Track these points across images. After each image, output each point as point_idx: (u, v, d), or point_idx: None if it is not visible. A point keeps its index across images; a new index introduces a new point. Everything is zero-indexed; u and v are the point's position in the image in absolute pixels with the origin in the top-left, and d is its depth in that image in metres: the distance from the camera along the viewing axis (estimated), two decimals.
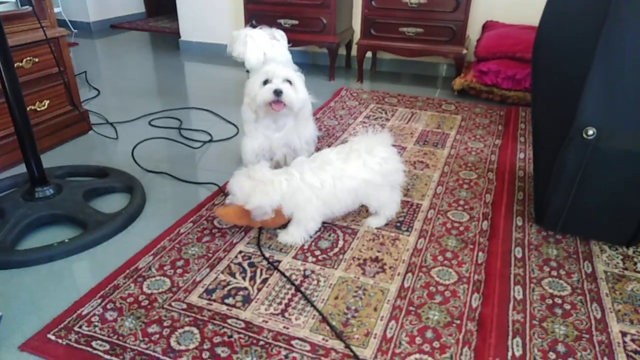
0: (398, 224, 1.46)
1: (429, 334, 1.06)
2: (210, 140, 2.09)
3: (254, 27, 2.07)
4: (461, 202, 1.58)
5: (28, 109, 1.84)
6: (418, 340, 1.04)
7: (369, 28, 2.75)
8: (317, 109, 2.43)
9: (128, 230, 1.44)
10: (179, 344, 1.03)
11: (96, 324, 1.08)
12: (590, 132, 1.18)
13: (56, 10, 3.96)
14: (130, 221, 1.47)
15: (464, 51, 2.63)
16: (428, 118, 2.32)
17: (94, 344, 1.02)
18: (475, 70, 2.56)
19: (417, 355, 1.00)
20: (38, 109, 1.91)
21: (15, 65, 1.75)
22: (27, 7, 1.83)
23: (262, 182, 1.30)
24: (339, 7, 2.81)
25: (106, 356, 0.99)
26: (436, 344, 1.03)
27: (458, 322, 1.09)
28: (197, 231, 1.42)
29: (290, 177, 1.33)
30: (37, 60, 1.86)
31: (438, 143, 2.04)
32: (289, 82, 1.48)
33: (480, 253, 1.33)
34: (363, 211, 1.51)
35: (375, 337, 1.05)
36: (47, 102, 1.94)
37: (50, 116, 1.97)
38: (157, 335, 1.05)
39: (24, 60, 1.81)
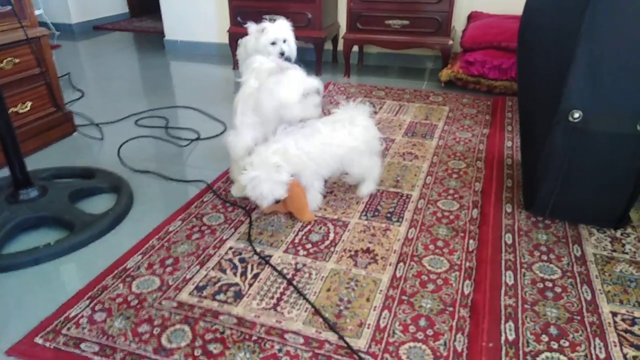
0: (388, 215, 1.45)
1: (422, 322, 1.05)
2: (198, 138, 2.07)
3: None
4: (451, 192, 1.58)
5: (10, 111, 1.81)
6: (411, 328, 1.04)
7: (354, 22, 2.74)
8: None
9: (116, 231, 1.42)
10: (170, 342, 1.01)
11: (84, 325, 1.06)
12: (577, 115, 1.18)
13: (37, 12, 3.90)
14: (118, 221, 1.45)
15: (450, 42, 2.63)
16: (416, 110, 2.31)
17: (82, 346, 1.01)
18: (462, 61, 2.56)
19: (411, 344, 1.00)
20: (20, 111, 1.87)
21: None
22: (7, 6, 1.80)
23: (266, 171, 1.31)
24: (324, 2, 2.80)
25: (96, 358, 0.98)
26: (429, 332, 1.03)
27: (451, 309, 1.09)
28: (187, 229, 1.41)
29: (285, 149, 1.36)
30: (17, 61, 1.83)
31: (426, 134, 2.04)
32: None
33: (471, 241, 1.33)
34: (353, 195, 1.50)
35: (368, 327, 1.04)
36: (29, 103, 1.91)
37: (33, 118, 1.93)
38: (148, 335, 1.03)
39: (4, 61, 1.78)
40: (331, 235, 1.36)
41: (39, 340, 1.02)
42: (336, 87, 2.67)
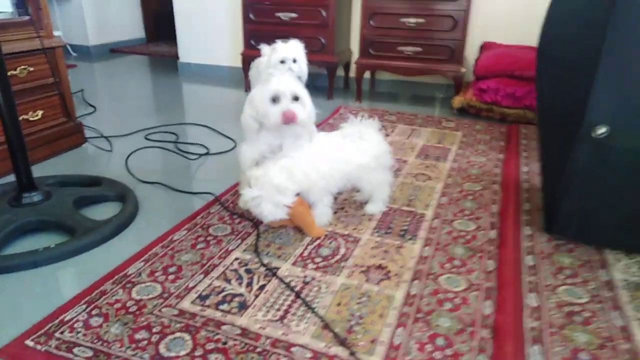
0: (402, 233, 1.40)
1: (440, 341, 0.98)
2: (207, 153, 2.04)
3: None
4: (466, 212, 1.52)
5: (21, 118, 1.79)
6: (428, 347, 0.96)
7: (367, 47, 2.76)
8: (317, 124, 2.39)
9: (119, 238, 1.37)
10: (168, 350, 0.94)
11: (79, 330, 0.99)
12: (601, 130, 1.14)
13: (56, 33, 4.00)
14: (122, 229, 1.40)
15: (463, 70, 2.63)
16: (428, 134, 2.28)
17: (75, 350, 0.94)
18: (475, 88, 2.55)
19: None
20: (31, 119, 1.86)
21: (9, 73, 1.72)
22: (25, 16, 1.81)
23: (268, 192, 1.25)
24: (338, 28, 2.83)
25: None
26: (448, 352, 0.95)
27: (471, 329, 1.02)
28: (192, 238, 1.35)
29: (293, 165, 1.31)
30: (32, 69, 1.83)
31: (440, 157, 2.00)
32: (297, 98, 1.39)
33: (489, 261, 1.26)
34: (357, 208, 1.45)
35: (382, 345, 0.97)
36: (40, 112, 1.90)
37: (44, 127, 1.92)
38: (145, 342, 0.96)
39: (18, 68, 1.78)
40: (342, 250, 1.30)
41: (29, 342, 0.95)
42: (347, 111, 2.65)
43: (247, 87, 3.09)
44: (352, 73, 3.15)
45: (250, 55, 2.91)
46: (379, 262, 1.25)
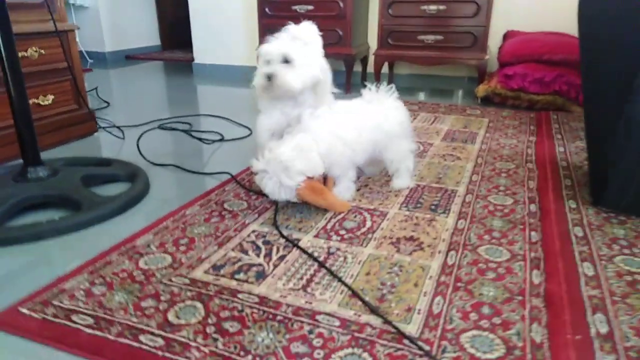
0: (433, 207, 1.28)
1: (486, 310, 0.86)
2: (222, 139, 1.96)
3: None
4: (501, 188, 1.40)
5: (31, 102, 1.74)
6: (473, 316, 0.84)
7: (386, 37, 2.67)
8: None
9: (127, 214, 1.28)
10: (178, 318, 0.84)
11: (80, 298, 0.90)
12: None
13: None
14: (131, 205, 1.31)
15: (486, 57, 2.52)
16: (452, 120, 2.17)
17: (74, 317, 0.84)
18: (500, 75, 2.44)
19: (475, 332, 0.80)
20: (42, 103, 1.80)
21: (20, 54, 1.67)
22: None
23: (273, 169, 1.16)
24: (355, 19, 2.76)
25: (88, 330, 0.81)
26: (497, 320, 0.83)
27: (520, 298, 0.89)
28: (205, 213, 1.25)
29: (309, 146, 1.20)
30: (43, 52, 1.78)
31: (467, 140, 1.88)
32: (287, 61, 1.29)
33: (532, 232, 1.14)
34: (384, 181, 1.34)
35: (419, 313, 0.85)
36: (51, 97, 1.84)
37: (55, 112, 1.86)
38: (152, 309, 0.86)
39: (29, 50, 1.72)
40: (368, 223, 1.19)
41: (24, 310, 0.86)
42: None
43: None
44: (370, 68, 3.07)
45: None
46: (409, 234, 1.13)
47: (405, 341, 0.78)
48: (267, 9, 2.87)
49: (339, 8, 2.70)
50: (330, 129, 1.26)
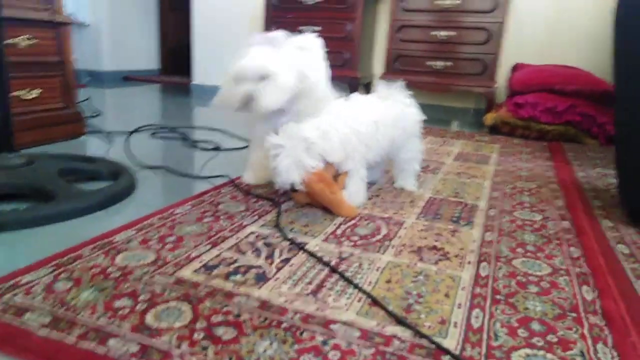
0: (454, 219, 1.14)
1: (536, 326, 0.70)
2: (217, 148, 1.82)
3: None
4: (526, 205, 1.27)
5: (13, 94, 1.60)
6: (522, 332, 0.69)
7: (394, 62, 2.61)
8: None
9: (109, 210, 1.12)
10: (158, 320, 0.67)
11: (38, 294, 0.73)
12: None
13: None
14: (113, 201, 1.15)
15: (496, 85, 2.45)
16: (462, 144, 2.07)
17: (26, 315, 0.67)
18: (509, 104, 2.36)
19: (529, 350, 0.65)
20: (24, 97, 1.66)
21: (9, 41, 1.55)
22: None
23: (293, 143, 1.05)
24: (362, 44, 2.70)
25: (41, 331, 0.64)
26: (552, 338, 0.67)
27: (573, 314, 0.74)
28: (198, 212, 1.10)
29: (332, 126, 1.11)
30: (33, 41, 1.66)
31: (480, 161, 1.76)
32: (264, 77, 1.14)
33: (571, 248, 1.00)
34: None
35: (455, 326, 0.69)
36: (37, 92, 1.70)
37: (39, 108, 1.71)
38: (127, 310, 0.69)
39: (19, 37, 1.60)
40: (383, 231, 1.04)
41: None
42: None
43: None
44: None
45: None
46: (432, 244, 0.99)
47: (445, 358, 0.62)
48: (273, 29, 2.81)
49: (346, 30, 2.65)
50: (345, 120, 1.14)
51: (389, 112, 1.23)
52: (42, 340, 0.62)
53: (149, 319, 0.68)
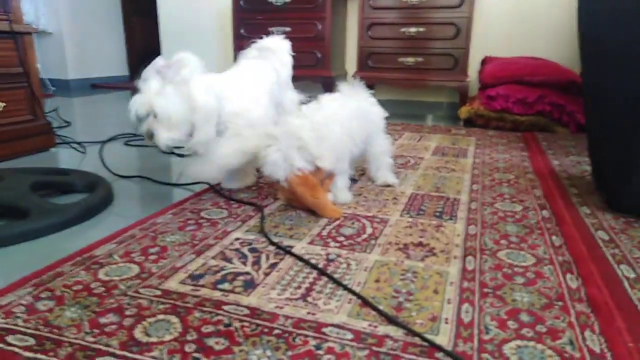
0: (437, 214, 1.15)
1: (525, 317, 0.71)
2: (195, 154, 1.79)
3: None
4: (506, 197, 1.29)
5: None
6: (512, 324, 0.70)
7: (365, 59, 2.62)
8: None
9: (87, 224, 1.09)
10: (147, 335, 0.65)
11: (19, 315, 0.70)
12: None
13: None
14: (90, 214, 1.12)
15: (468, 79, 2.49)
16: (439, 138, 2.09)
17: (9, 338, 0.64)
18: (482, 97, 2.40)
19: (519, 342, 0.65)
20: None
21: None
22: None
23: (286, 142, 1.07)
24: (333, 43, 2.70)
25: (27, 353, 0.61)
26: (541, 328, 0.69)
27: (560, 303, 0.75)
28: (179, 221, 1.08)
29: (324, 127, 1.13)
30: None
31: (458, 154, 1.79)
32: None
33: (553, 237, 1.02)
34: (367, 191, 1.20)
35: (446, 322, 0.70)
36: (1, 105, 1.64)
37: (5, 122, 1.66)
38: (115, 326, 0.67)
39: None
40: (368, 230, 1.04)
41: None
42: None
43: None
44: None
45: None
46: (417, 240, 0.99)
47: (439, 354, 0.62)
48: (242, 31, 2.79)
49: (317, 30, 2.64)
50: (341, 121, 1.17)
51: (361, 109, 1.26)
52: None
53: (138, 333, 0.66)
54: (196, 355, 0.61)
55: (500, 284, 0.81)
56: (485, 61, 2.71)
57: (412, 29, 2.50)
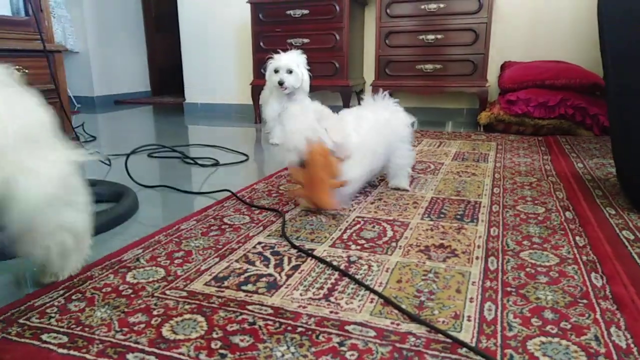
0: (458, 216, 1.15)
1: (549, 315, 0.71)
2: (217, 164, 1.83)
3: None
4: (528, 199, 1.28)
5: None
6: (535, 321, 0.69)
7: (383, 68, 2.64)
8: None
9: (114, 232, 1.12)
10: (174, 333, 0.67)
11: (52, 315, 0.73)
12: None
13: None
14: (117, 222, 1.16)
15: (487, 84, 2.48)
16: (459, 144, 2.08)
17: (44, 336, 0.67)
18: (502, 102, 2.39)
19: (542, 338, 0.65)
20: None
21: None
22: (25, 15, 1.69)
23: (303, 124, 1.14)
24: (351, 52, 2.73)
25: (60, 350, 0.64)
26: (565, 325, 0.68)
27: (585, 301, 0.75)
28: (203, 227, 1.11)
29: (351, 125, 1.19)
30: (27, 71, 1.67)
31: (479, 159, 1.78)
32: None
33: (577, 237, 1.01)
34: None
35: (469, 320, 0.70)
36: None
37: None
38: (143, 325, 0.70)
39: (14, 67, 1.61)
40: (389, 233, 1.05)
41: None
42: None
43: (258, 119, 2.94)
44: None
45: (259, 85, 2.79)
46: (438, 242, 0.99)
47: (462, 350, 0.62)
48: (262, 44, 2.84)
49: (334, 40, 2.67)
50: (359, 131, 1.21)
51: (380, 119, 1.27)
52: (61, 358, 0.62)
53: (166, 332, 0.68)
54: (222, 351, 0.63)
55: (523, 283, 0.81)
56: (505, 66, 2.70)
57: (430, 36, 2.51)
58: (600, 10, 1.28)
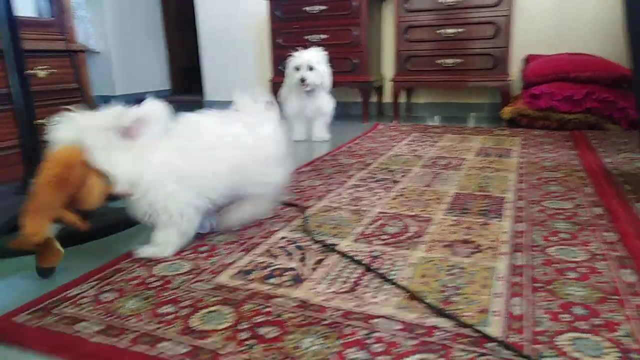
0: (483, 212, 1.14)
1: (579, 311, 0.70)
2: None
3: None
4: (555, 195, 1.26)
5: (38, 122, 1.65)
6: (565, 317, 0.68)
7: (403, 63, 2.62)
8: (354, 137, 2.21)
9: (139, 226, 1.14)
10: (203, 323, 0.69)
11: (85, 305, 0.75)
12: None
13: None
14: None
15: (510, 78, 2.44)
16: (482, 139, 2.05)
17: (78, 325, 0.69)
18: (526, 96, 2.34)
19: (574, 334, 0.64)
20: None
21: (30, 71, 1.60)
22: (49, 16, 1.73)
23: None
24: (370, 48, 2.71)
25: (94, 338, 0.65)
26: (596, 321, 0.67)
27: (616, 297, 0.73)
28: None
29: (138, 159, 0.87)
30: (54, 71, 1.71)
31: (502, 155, 1.75)
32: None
33: (607, 233, 0.99)
34: None
35: (497, 315, 0.69)
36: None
37: None
38: (172, 316, 0.71)
39: (35, 68, 1.65)
40: (412, 228, 1.05)
41: (19, 319, 0.71)
42: (386, 127, 2.46)
43: None
44: (386, 98, 3.00)
45: (279, 82, 2.80)
46: (462, 238, 0.99)
47: (489, 345, 0.62)
48: (280, 41, 2.85)
49: (352, 36, 2.66)
50: (154, 153, 0.92)
51: (228, 132, 0.99)
52: (96, 346, 0.64)
53: (194, 323, 0.69)
54: (250, 342, 0.64)
55: (552, 279, 0.80)
56: (528, 59, 2.65)
57: (450, 30, 2.48)
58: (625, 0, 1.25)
